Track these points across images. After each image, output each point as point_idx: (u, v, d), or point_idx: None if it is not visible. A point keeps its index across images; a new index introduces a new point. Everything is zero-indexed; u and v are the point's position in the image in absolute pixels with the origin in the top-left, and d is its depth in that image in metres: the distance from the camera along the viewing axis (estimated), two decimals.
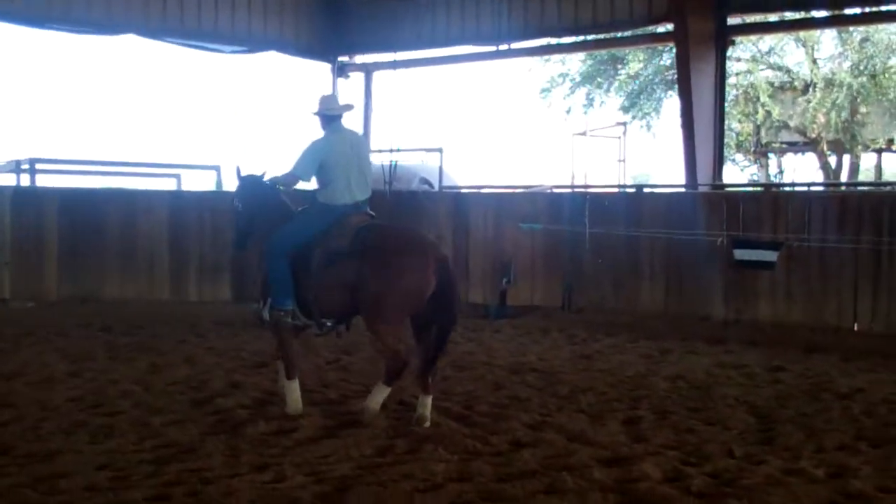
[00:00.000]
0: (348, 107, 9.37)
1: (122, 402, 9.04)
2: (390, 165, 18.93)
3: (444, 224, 17.11)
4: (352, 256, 8.34)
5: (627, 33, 20.60)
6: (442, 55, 23.81)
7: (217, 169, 20.75)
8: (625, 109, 31.84)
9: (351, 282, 8.31)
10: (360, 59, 25.14)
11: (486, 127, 64.92)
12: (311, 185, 9.06)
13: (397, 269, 8.22)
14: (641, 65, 31.01)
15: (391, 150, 20.05)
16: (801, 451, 7.47)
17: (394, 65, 24.47)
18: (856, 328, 13.77)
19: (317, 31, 23.94)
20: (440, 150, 20.53)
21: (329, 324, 8.77)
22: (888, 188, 19.30)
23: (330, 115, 8.97)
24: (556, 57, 30.57)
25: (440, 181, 20.37)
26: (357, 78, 25.40)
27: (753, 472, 6.81)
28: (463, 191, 20.73)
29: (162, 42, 21.99)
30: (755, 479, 6.60)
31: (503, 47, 21.80)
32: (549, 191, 18.77)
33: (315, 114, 9.00)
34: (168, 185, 20.43)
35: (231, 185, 9.84)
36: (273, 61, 24.99)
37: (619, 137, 24.16)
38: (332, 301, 8.52)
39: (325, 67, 25.04)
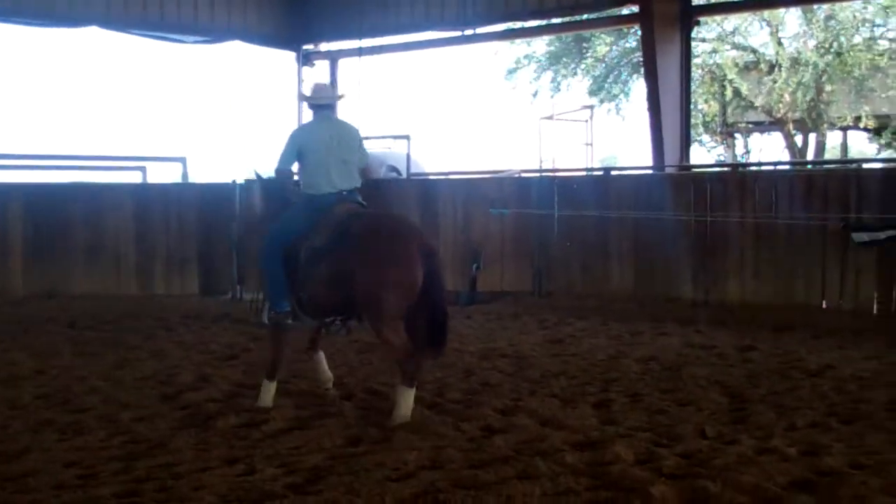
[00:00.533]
0: (335, 95, 9.14)
1: (89, 398, 8.93)
2: None
3: (412, 211, 17.03)
4: (336, 250, 8.03)
5: (592, 15, 20.59)
6: (407, 41, 23.79)
7: (183, 161, 20.59)
8: (592, 93, 31.88)
9: (338, 276, 8.00)
10: (324, 46, 25.08)
11: (454, 113, 64.87)
12: None
13: (382, 262, 7.85)
14: (608, 48, 31.04)
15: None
16: (774, 429, 7.46)
17: (359, 52, 24.35)
18: (824, 306, 13.84)
19: (280, 19, 23.86)
20: (407, 137, 20.45)
21: (335, 321, 8.66)
22: (854, 166, 19.38)
23: (317, 103, 8.83)
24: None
25: (408, 168, 20.30)
26: (322, 66, 25.33)
27: (726, 451, 6.79)
28: (431, 177, 20.68)
29: (125, 34, 21.87)
30: (728, 458, 6.58)
31: (468, 32, 21.79)
32: (517, 175, 18.76)
33: (303, 101, 8.92)
34: (133, 178, 20.25)
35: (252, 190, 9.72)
36: (237, 51, 24.86)
37: (587, 121, 24.16)
38: (324, 297, 8.23)
39: (289, 56, 24.94)
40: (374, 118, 28.43)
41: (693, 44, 19.94)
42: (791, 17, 29.65)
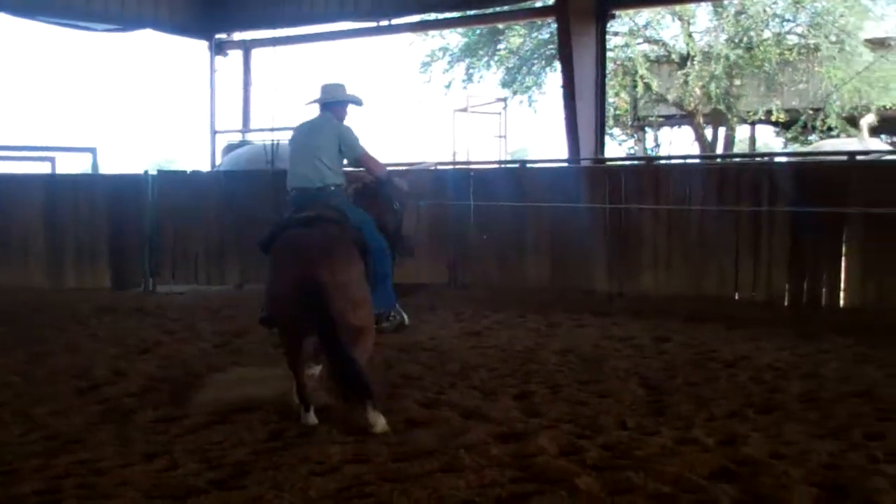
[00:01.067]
0: (337, 95, 8.92)
1: (3, 392, 8.74)
2: (272, 145, 18.80)
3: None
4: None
5: (507, 8, 20.65)
6: (322, 31, 23.65)
7: (93, 151, 20.27)
8: (505, 84, 32.03)
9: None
10: (238, 36, 24.83)
11: (369, 104, 64.61)
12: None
13: (267, 282, 7.87)
14: (521, 39, 31.17)
15: (272, 130, 19.86)
16: (693, 420, 7.56)
17: (273, 42, 24.20)
18: (737, 297, 14.06)
19: (193, 7, 23.54)
20: None
21: None
22: (766, 159, 19.72)
23: (321, 102, 8.84)
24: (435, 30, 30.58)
25: None
26: (235, 56, 25.08)
27: (647, 442, 6.87)
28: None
29: (33, 20, 21.43)
30: (649, 449, 6.65)
31: (384, 23, 21.71)
32: (432, 168, 18.74)
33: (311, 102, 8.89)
34: (42, 168, 19.88)
35: None
36: (148, 40, 24.53)
37: (500, 113, 24.28)
38: None
39: (202, 45, 24.65)
40: (288, 108, 28.31)
41: (606, 37, 20.08)
42: (702, 12, 30.08)
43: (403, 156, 37.92)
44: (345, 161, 8.88)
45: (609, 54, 27.05)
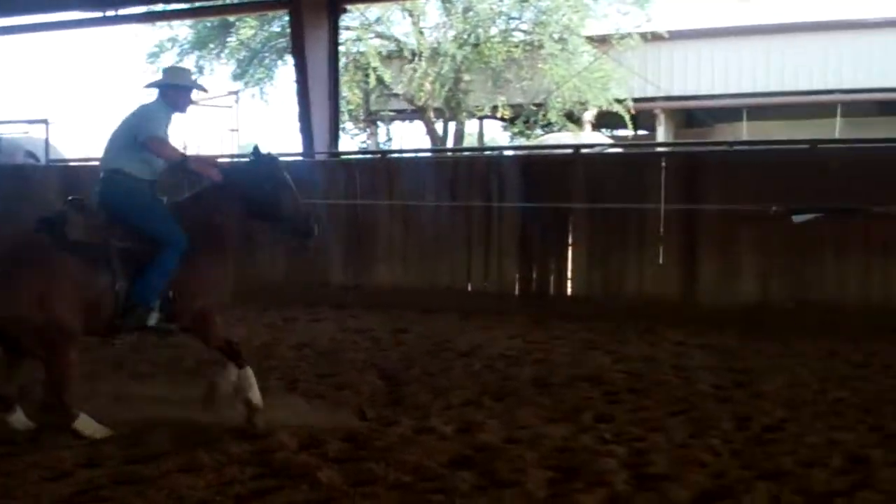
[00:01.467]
0: (165, 80, 8.26)
1: None
2: None
3: (53, 199, 16.26)
4: None
5: (238, 0, 20.40)
6: (45, 21, 22.58)
7: None
8: (236, 77, 31.62)
9: None
10: None
11: (96, 96, 62.47)
12: None
13: None
14: (253, 31, 30.81)
15: None
16: (430, 409, 7.71)
17: None
18: (469, 288, 14.36)
19: None
20: (45, 122, 19.54)
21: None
22: (496, 153, 20.24)
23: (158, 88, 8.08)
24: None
25: (47, 154, 19.38)
26: None
27: (387, 433, 6.95)
28: (72, 164, 19.82)
29: None
30: (389, 439, 6.74)
31: (110, 13, 20.97)
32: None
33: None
34: None
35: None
36: None
37: (231, 106, 23.97)
38: None
39: None
40: (9, 101, 27.08)
41: (339, 31, 20.08)
42: (432, 8, 30.48)
43: None
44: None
45: (341, 49, 27.10)
